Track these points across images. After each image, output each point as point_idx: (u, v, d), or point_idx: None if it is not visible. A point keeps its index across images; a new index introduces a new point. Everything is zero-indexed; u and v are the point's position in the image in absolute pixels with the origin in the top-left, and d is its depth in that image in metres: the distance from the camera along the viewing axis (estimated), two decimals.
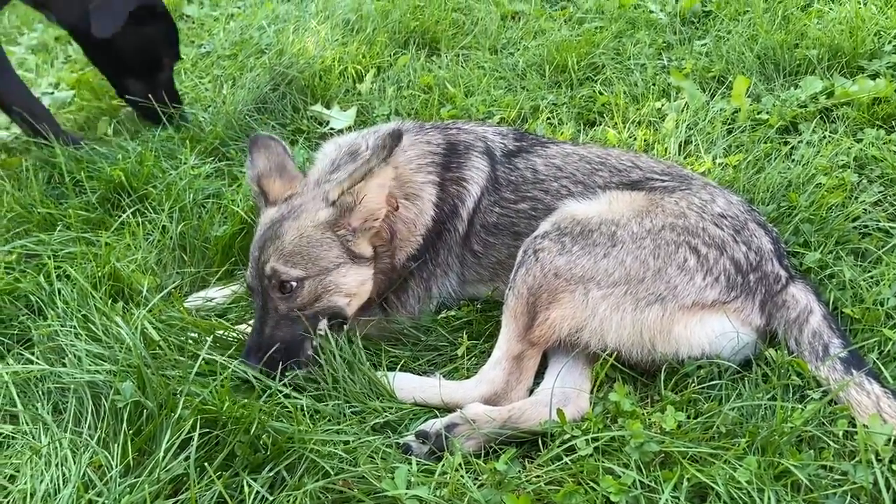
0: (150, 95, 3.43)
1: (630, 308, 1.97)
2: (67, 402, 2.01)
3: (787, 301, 2.04)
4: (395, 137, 2.11)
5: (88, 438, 1.90)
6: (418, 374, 2.19)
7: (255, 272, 2.17)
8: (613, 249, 2.03)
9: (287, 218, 2.20)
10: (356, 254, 2.20)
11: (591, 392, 2.04)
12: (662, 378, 1.99)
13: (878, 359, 1.99)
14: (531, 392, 2.07)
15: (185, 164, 2.94)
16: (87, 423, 1.95)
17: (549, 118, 3.34)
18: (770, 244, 2.13)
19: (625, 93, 3.37)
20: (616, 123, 3.19)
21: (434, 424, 1.92)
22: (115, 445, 1.83)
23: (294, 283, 2.13)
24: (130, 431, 1.85)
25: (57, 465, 1.84)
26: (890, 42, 3.23)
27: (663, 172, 2.35)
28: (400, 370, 2.19)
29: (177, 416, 1.80)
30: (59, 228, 2.71)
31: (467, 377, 2.15)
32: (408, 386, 2.09)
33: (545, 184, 2.37)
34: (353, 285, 2.20)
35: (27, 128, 3.24)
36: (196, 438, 1.78)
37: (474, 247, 2.40)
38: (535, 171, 2.40)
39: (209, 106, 3.76)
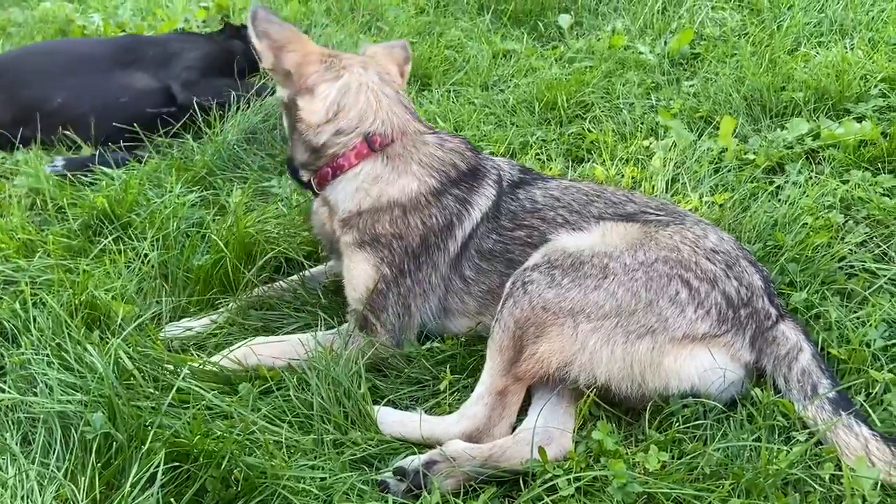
0: None
1: (621, 341, 1.93)
2: (36, 433, 1.96)
3: (778, 338, 2.02)
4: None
5: (56, 470, 1.84)
6: (401, 408, 2.15)
7: None
8: (605, 281, 2.00)
9: None
10: None
11: (574, 430, 2.00)
12: (647, 417, 1.95)
13: (865, 401, 1.97)
14: (514, 429, 2.02)
15: (170, 192, 2.92)
16: (56, 454, 1.88)
17: (538, 154, 3.35)
18: (760, 281, 2.12)
19: (613, 131, 3.39)
20: (604, 160, 3.20)
21: (412, 461, 1.87)
22: (83, 478, 1.77)
23: None
24: (99, 464, 1.79)
25: (22, 498, 1.78)
26: (876, 86, 3.27)
27: (657, 208, 2.35)
28: (384, 403, 2.15)
29: (146, 448, 1.75)
30: (38, 255, 2.67)
31: (449, 412, 2.11)
32: (388, 420, 2.04)
33: (542, 213, 2.36)
34: None
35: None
36: (164, 473, 1.72)
37: (465, 272, 2.36)
38: (534, 202, 2.39)
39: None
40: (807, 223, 2.54)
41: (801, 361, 1.97)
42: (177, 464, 1.79)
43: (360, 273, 2.33)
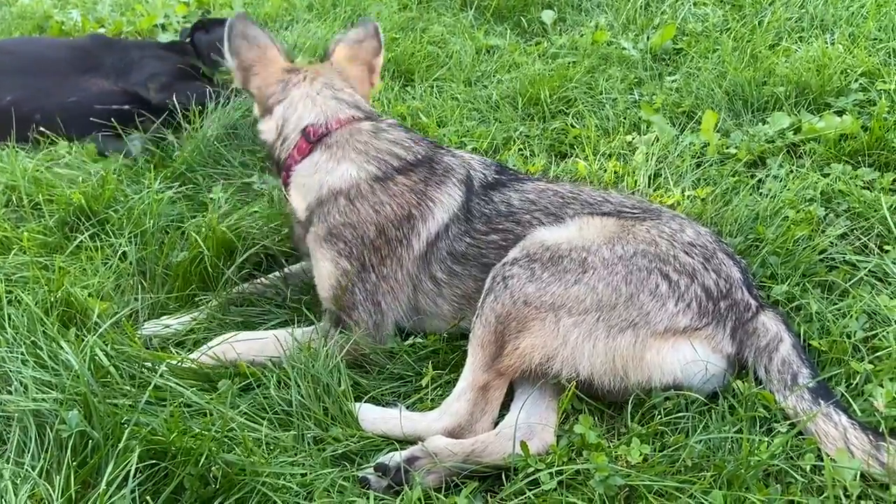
0: None
1: (602, 335, 1.93)
2: (11, 432, 1.92)
3: (758, 329, 2.03)
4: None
5: (30, 470, 1.80)
6: (383, 404, 2.13)
7: None
8: (584, 276, 1.99)
9: None
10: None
11: (556, 425, 1.98)
12: (629, 410, 1.94)
13: (845, 391, 1.97)
14: (496, 424, 2.01)
15: (149, 188, 2.88)
16: (31, 452, 1.85)
17: (521, 149, 3.33)
18: (739, 273, 2.12)
19: (596, 126, 3.38)
20: (587, 156, 3.19)
21: (393, 457, 1.86)
22: (58, 477, 1.73)
23: None
24: (74, 463, 1.75)
25: None
26: (856, 80, 3.29)
27: (633, 206, 2.34)
28: (366, 400, 2.13)
29: (122, 446, 1.72)
30: (13, 252, 2.62)
31: (432, 408, 2.09)
32: (370, 417, 2.03)
33: (517, 216, 2.33)
34: None
35: None
36: (140, 470, 1.70)
37: (437, 274, 2.34)
38: (510, 205, 2.36)
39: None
40: (788, 216, 2.55)
41: (781, 352, 1.98)
42: (154, 462, 1.76)
43: (322, 269, 2.33)
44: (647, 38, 4.15)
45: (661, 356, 1.94)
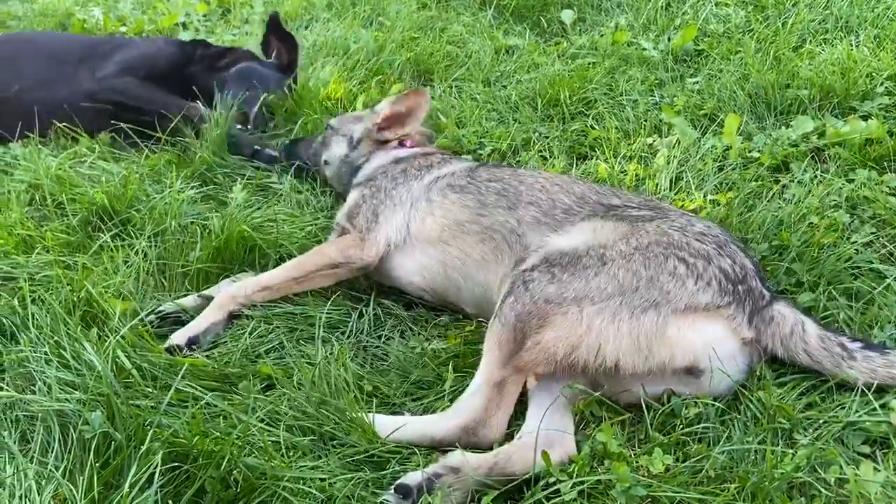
0: None
1: (626, 317, 1.95)
2: (35, 431, 1.94)
3: (775, 317, 2.04)
4: None
5: (54, 470, 1.82)
6: (405, 410, 2.13)
7: None
8: (604, 268, 2.04)
9: None
10: None
11: (574, 433, 1.97)
12: (649, 419, 1.93)
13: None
14: (511, 436, 1.99)
15: (170, 188, 2.90)
16: (55, 453, 1.87)
17: (540, 151, 3.32)
18: (751, 265, 2.15)
19: (616, 128, 3.36)
20: (607, 158, 3.17)
21: (416, 477, 1.82)
22: (82, 478, 1.75)
23: None
24: (97, 464, 1.77)
25: (20, 498, 1.76)
26: (882, 84, 3.23)
27: (640, 205, 2.39)
28: (382, 404, 2.13)
29: (145, 448, 1.73)
30: (37, 251, 2.65)
31: None
32: (384, 425, 2.01)
33: (522, 178, 2.57)
34: None
35: None
36: (163, 473, 1.71)
37: (433, 196, 2.62)
38: (516, 173, 2.63)
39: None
40: (813, 223, 2.52)
41: (811, 332, 2.01)
42: (176, 464, 1.77)
43: (348, 199, 2.82)
44: (668, 38, 4.11)
45: (682, 333, 1.95)
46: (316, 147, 3.21)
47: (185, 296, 2.56)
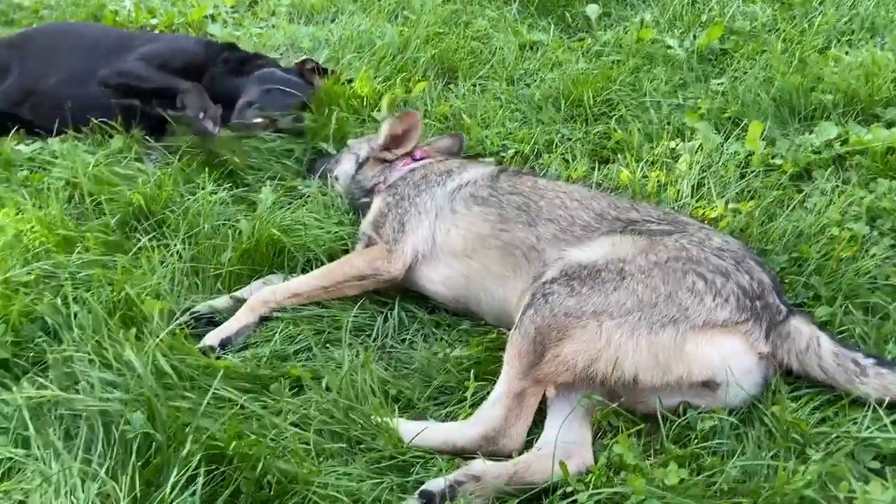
0: None
1: (645, 332, 2.01)
2: (79, 430, 2.03)
3: (791, 332, 2.09)
4: None
5: (98, 468, 1.90)
6: (428, 416, 2.21)
7: None
8: (623, 282, 2.09)
9: None
10: None
11: (592, 443, 2.04)
12: (665, 431, 2.00)
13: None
14: (531, 445, 2.06)
15: (203, 189, 2.98)
16: (98, 451, 1.95)
17: (563, 153, 3.35)
18: (769, 280, 2.19)
19: (639, 131, 3.38)
20: (629, 163, 3.20)
21: (438, 484, 1.90)
22: (124, 477, 1.83)
23: None
24: (139, 463, 1.86)
25: (66, 495, 1.85)
26: None
27: (659, 219, 2.43)
28: (405, 408, 2.21)
29: (185, 451, 1.83)
30: (77, 250, 2.75)
31: None
32: (408, 430, 2.08)
33: (542, 192, 2.59)
34: None
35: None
36: (203, 475, 1.80)
37: (457, 207, 2.67)
38: (536, 186, 2.64)
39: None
40: (833, 235, 2.55)
41: (826, 347, 2.05)
42: (213, 466, 1.86)
43: (373, 208, 2.85)
44: (694, 36, 4.11)
45: (700, 349, 2.01)
46: (331, 164, 3.29)
47: (217, 297, 2.65)
